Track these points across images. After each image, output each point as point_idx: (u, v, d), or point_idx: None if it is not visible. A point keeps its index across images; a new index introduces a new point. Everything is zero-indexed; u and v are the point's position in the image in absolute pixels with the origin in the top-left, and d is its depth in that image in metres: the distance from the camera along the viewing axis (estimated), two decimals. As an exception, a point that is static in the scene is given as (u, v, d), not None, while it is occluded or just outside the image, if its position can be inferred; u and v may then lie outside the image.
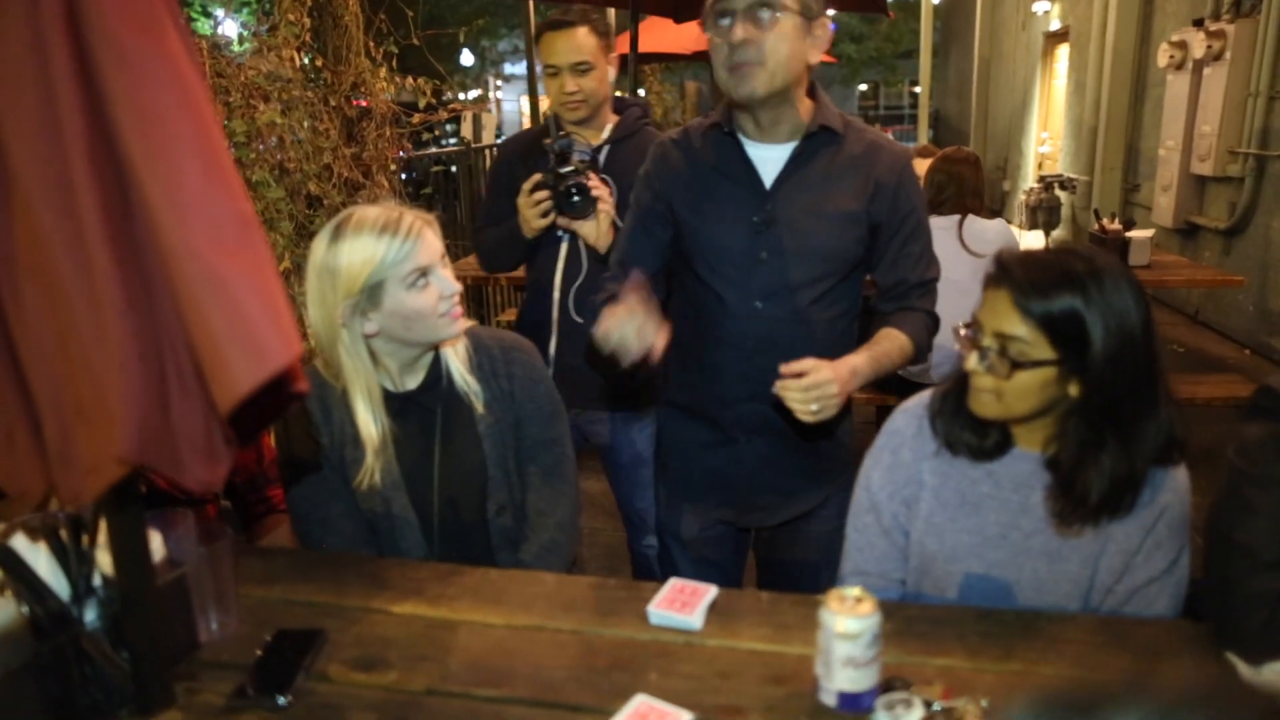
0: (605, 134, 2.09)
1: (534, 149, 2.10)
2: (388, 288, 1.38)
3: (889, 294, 1.59)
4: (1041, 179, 8.30)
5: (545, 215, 1.97)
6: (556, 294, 2.07)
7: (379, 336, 1.43)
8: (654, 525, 2.29)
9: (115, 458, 0.80)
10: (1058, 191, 8.05)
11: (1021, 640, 1.13)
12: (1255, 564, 1.08)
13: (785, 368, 1.35)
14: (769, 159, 1.51)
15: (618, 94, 2.17)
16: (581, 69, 2.00)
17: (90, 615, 1.03)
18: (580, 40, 1.99)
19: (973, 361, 1.19)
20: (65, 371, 0.81)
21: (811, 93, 1.53)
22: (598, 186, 1.93)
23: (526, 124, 7.95)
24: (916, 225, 1.57)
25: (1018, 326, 1.15)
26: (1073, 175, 8.21)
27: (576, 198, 1.93)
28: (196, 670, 1.11)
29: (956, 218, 3.12)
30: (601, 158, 2.06)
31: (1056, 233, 8.40)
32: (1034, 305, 1.14)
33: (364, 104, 2.75)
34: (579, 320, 2.02)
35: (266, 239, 0.84)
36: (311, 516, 1.52)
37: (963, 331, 1.23)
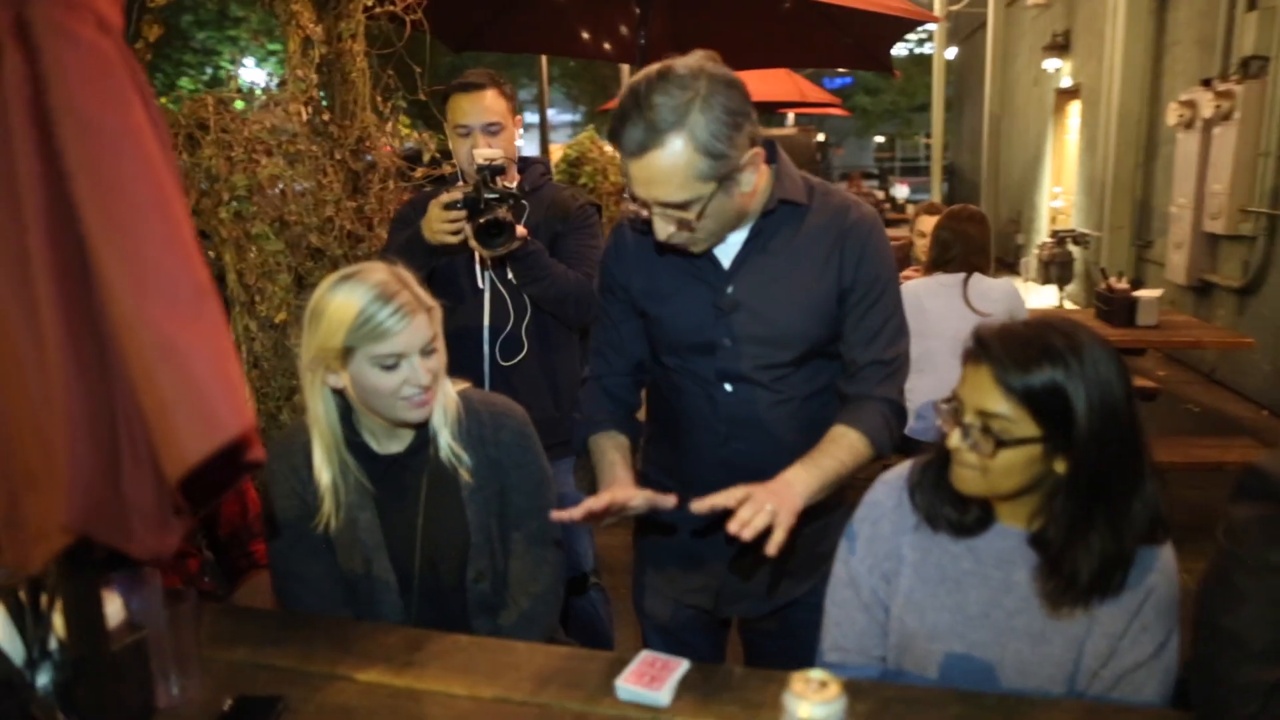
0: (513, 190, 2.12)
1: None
2: (356, 357, 1.36)
3: (848, 370, 1.44)
4: (1054, 234, 8.30)
5: (456, 234, 1.93)
6: (486, 346, 2.09)
7: (347, 394, 1.43)
8: (592, 565, 2.28)
9: (60, 525, 0.79)
10: (1070, 247, 8.05)
11: (1000, 727, 1.09)
12: (1244, 654, 1.04)
13: (697, 506, 1.22)
14: (727, 242, 1.41)
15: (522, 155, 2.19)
16: (493, 129, 2.03)
17: (44, 679, 1.02)
18: (489, 102, 2.03)
19: (955, 439, 1.17)
20: (15, 435, 0.81)
21: (770, 159, 1.39)
22: (516, 224, 1.91)
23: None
24: (879, 296, 1.41)
25: (1000, 404, 1.13)
26: (1085, 231, 8.21)
27: (497, 234, 1.88)
28: (150, 738, 1.09)
29: (962, 276, 3.10)
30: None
31: (1070, 288, 8.37)
32: (1015, 381, 1.12)
33: (386, 149, 2.79)
34: (505, 365, 2.09)
35: (222, 309, 0.84)
36: (291, 574, 1.51)
37: (944, 407, 1.21)
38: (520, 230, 1.92)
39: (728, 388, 1.43)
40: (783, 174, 1.41)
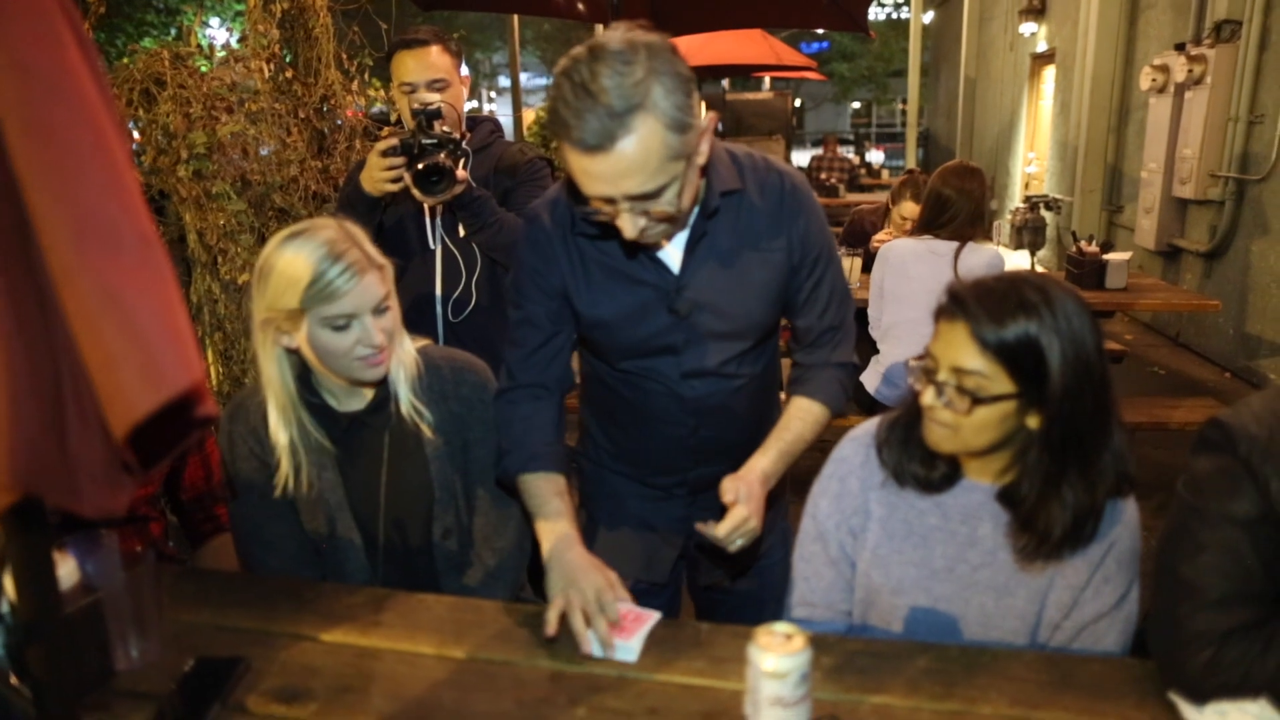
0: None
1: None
2: (308, 318, 1.33)
3: (801, 340, 1.47)
4: (1027, 199, 8.33)
5: (396, 181, 1.88)
6: (439, 306, 2.07)
7: (303, 354, 1.40)
8: None
9: (3, 484, 0.77)
10: (1043, 212, 8.08)
11: (963, 678, 1.11)
12: (1200, 602, 1.06)
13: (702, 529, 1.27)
14: (671, 241, 1.34)
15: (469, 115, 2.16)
16: (438, 86, 1.99)
17: (-4, 643, 1.00)
18: (434, 58, 1.98)
19: (929, 397, 1.16)
20: (-48, 394, 0.78)
21: None
22: (456, 168, 1.87)
23: (511, 136, 7.90)
24: (826, 266, 1.41)
25: (975, 360, 1.12)
26: (1058, 196, 8.24)
27: (436, 180, 1.84)
28: (110, 700, 1.07)
29: (955, 245, 2.91)
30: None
31: (1042, 253, 8.42)
32: (990, 335, 1.11)
33: (352, 114, 2.72)
34: (455, 321, 2.07)
35: (169, 258, 0.81)
36: (254, 536, 1.49)
37: (915, 365, 1.20)
38: (461, 174, 1.88)
39: (694, 384, 1.41)
40: (716, 161, 1.32)
